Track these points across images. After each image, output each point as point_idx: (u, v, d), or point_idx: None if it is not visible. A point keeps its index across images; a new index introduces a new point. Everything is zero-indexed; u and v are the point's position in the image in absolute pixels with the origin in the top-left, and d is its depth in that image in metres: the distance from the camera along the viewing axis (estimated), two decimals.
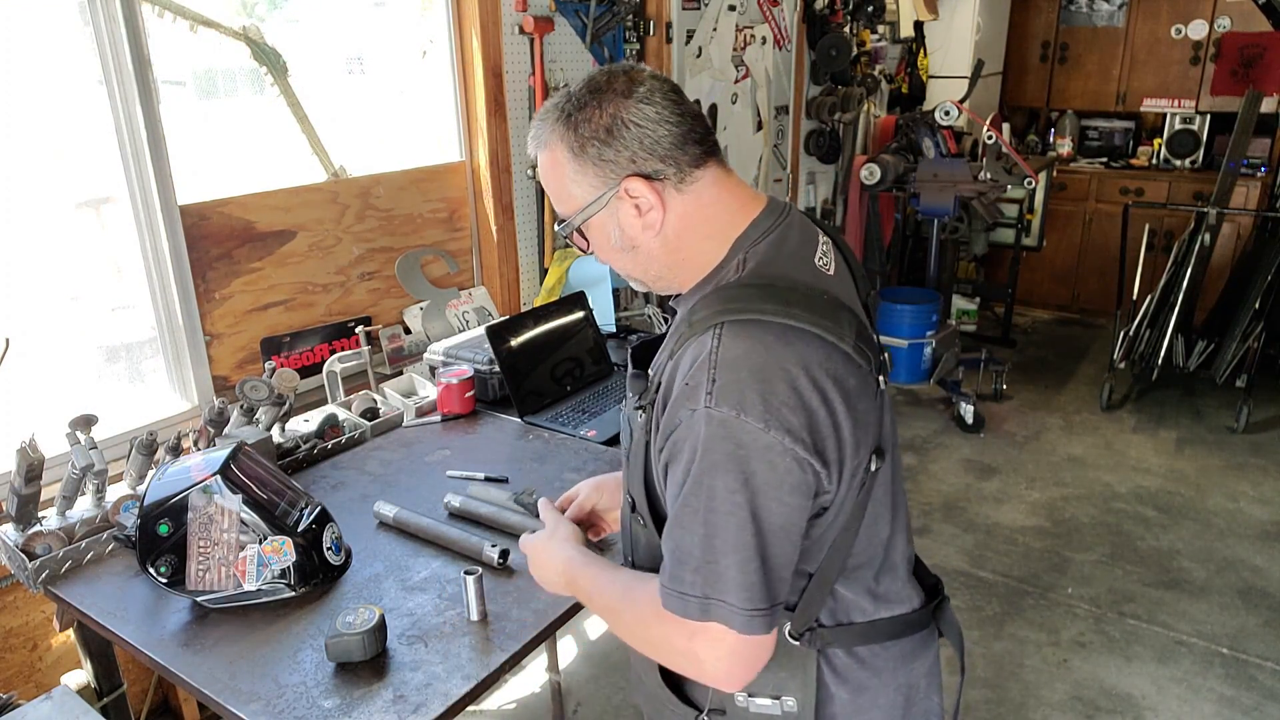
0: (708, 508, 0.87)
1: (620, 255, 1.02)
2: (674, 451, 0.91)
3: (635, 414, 1.02)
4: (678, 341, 0.94)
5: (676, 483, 0.91)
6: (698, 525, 0.88)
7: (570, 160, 0.97)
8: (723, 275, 0.99)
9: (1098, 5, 5.51)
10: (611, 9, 3.02)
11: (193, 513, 1.37)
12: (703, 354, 0.89)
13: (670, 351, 0.96)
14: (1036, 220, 5.09)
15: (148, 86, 1.94)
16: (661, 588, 0.92)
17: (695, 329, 0.92)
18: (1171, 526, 3.35)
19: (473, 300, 2.79)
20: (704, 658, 0.90)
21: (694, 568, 0.89)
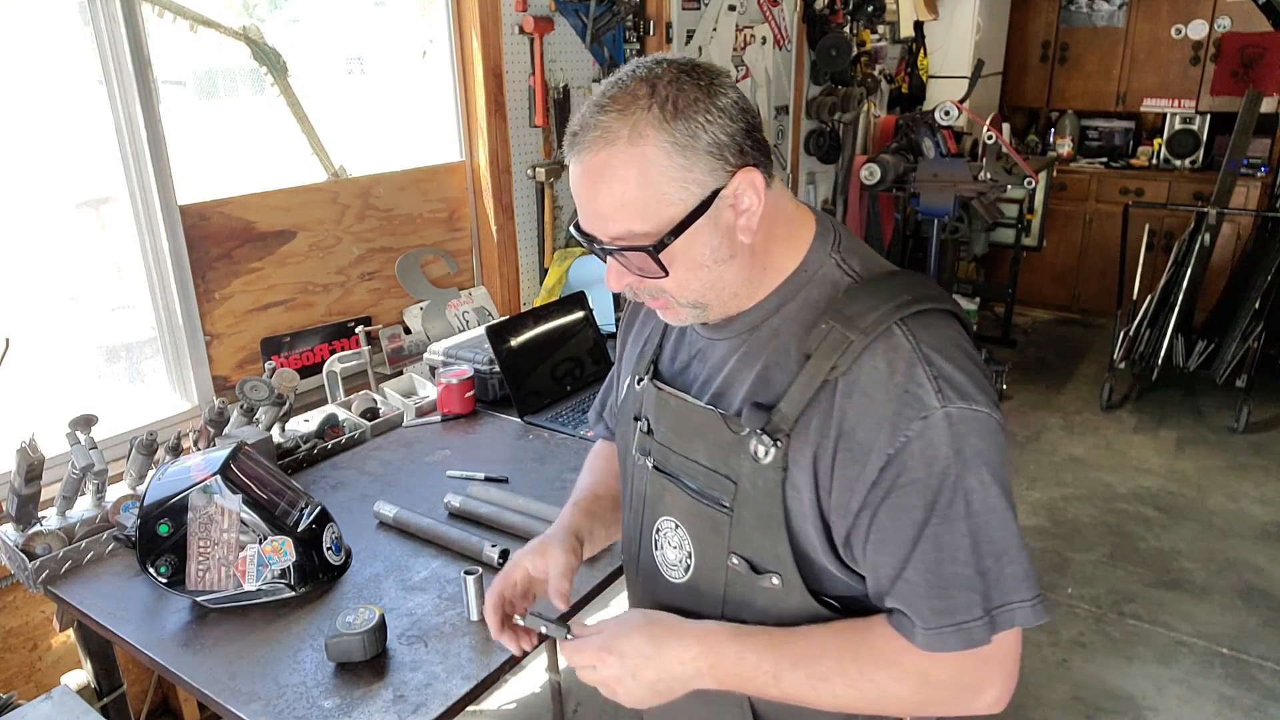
0: (967, 514, 0.80)
1: (707, 271, 0.86)
2: (898, 472, 0.80)
3: (744, 458, 0.87)
4: (842, 354, 0.82)
5: (912, 506, 0.80)
6: (960, 539, 0.80)
7: (673, 154, 0.80)
8: (813, 276, 0.89)
9: (1098, 5, 5.51)
10: (611, 9, 3.02)
11: (193, 513, 1.37)
12: (900, 356, 0.81)
13: (831, 366, 0.82)
14: (1036, 220, 5.09)
15: (148, 86, 1.94)
16: (927, 633, 0.81)
17: (870, 333, 0.81)
18: (1172, 526, 3.35)
19: (473, 300, 2.79)
20: (994, 679, 0.83)
21: (966, 588, 0.80)
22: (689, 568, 0.96)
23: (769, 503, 0.86)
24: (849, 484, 0.83)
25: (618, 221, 0.83)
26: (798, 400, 0.84)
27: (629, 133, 0.80)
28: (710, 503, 0.92)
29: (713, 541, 0.92)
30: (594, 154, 0.81)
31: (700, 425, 0.92)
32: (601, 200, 0.83)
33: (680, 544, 0.97)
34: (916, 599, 0.81)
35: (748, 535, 0.89)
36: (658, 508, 0.99)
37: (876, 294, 0.85)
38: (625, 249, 0.84)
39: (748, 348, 0.91)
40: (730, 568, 0.91)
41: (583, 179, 0.83)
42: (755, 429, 0.85)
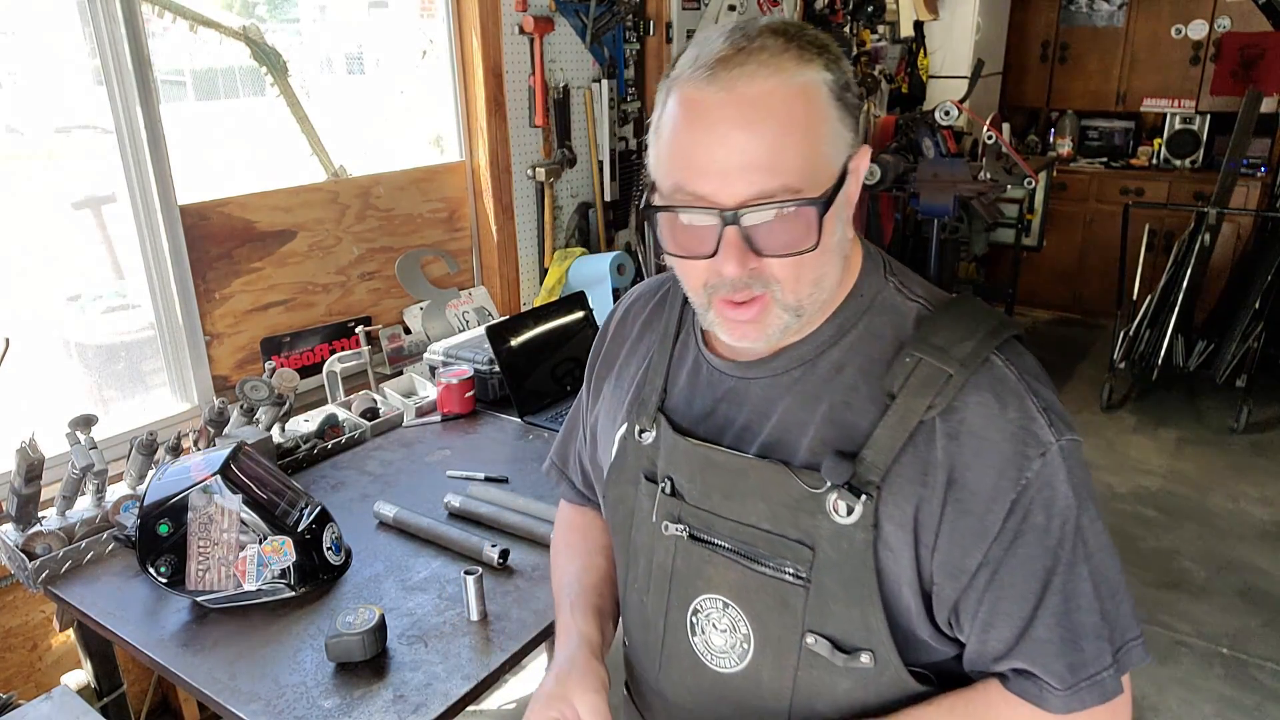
0: (1087, 556, 0.73)
1: (829, 259, 0.75)
2: (1021, 519, 0.72)
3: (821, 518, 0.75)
4: (939, 390, 0.72)
5: (1035, 556, 0.72)
6: (1084, 585, 0.73)
7: (834, 106, 0.70)
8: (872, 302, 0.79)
9: (1098, 5, 5.51)
10: (611, 9, 3.02)
11: (193, 513, 1.37)
12: (1006, 387, 0.73)
13: (927, 405, 0.72)
14: (1036, 220, 5.09)
15: (148, 86, 1.94)
16: (1066, 694, 0.73)
17: (970, 365, 0.72)
18: (1172, 527, 3.35)
19: (473, 300, 2.79)
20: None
21: (1095, 636, 0.73)
22: (746, 653, 0.81)
23: (859, 568, 0.74)
24: (963, 539, 0.73)
25: (778, 173, 0.68)
26: (888, 446, 0.73)
27: (797, 63, 0.68)
28: (777, 574, 0.78)
29: (781, 620, 0.78)
30: (757, 80, 0.67)
31: (759, 483, 0.78)
32: (760, 141, 0.67)
33: (733, 626, 0.82)
34: (1049, 657, 0.73)
35: (830, 609, 0.76)
36: (696, 584, 0.84)
37: (961, 322, 0.75)
38: (785, 204, 0.68)
39: (805, 387, 0.79)
40: (805, 649, 0.77)
41: (730, 111, 0.67)
42: (839, 482, 0.73)
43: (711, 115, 0.68)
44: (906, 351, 0.74)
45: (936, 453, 0.73)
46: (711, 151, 0.69)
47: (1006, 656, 0.75)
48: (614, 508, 0.93)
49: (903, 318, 0.79)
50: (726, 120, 0.68)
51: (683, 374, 0.88)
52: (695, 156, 0.70)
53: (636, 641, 0.94)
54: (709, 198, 0.70)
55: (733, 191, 0.69)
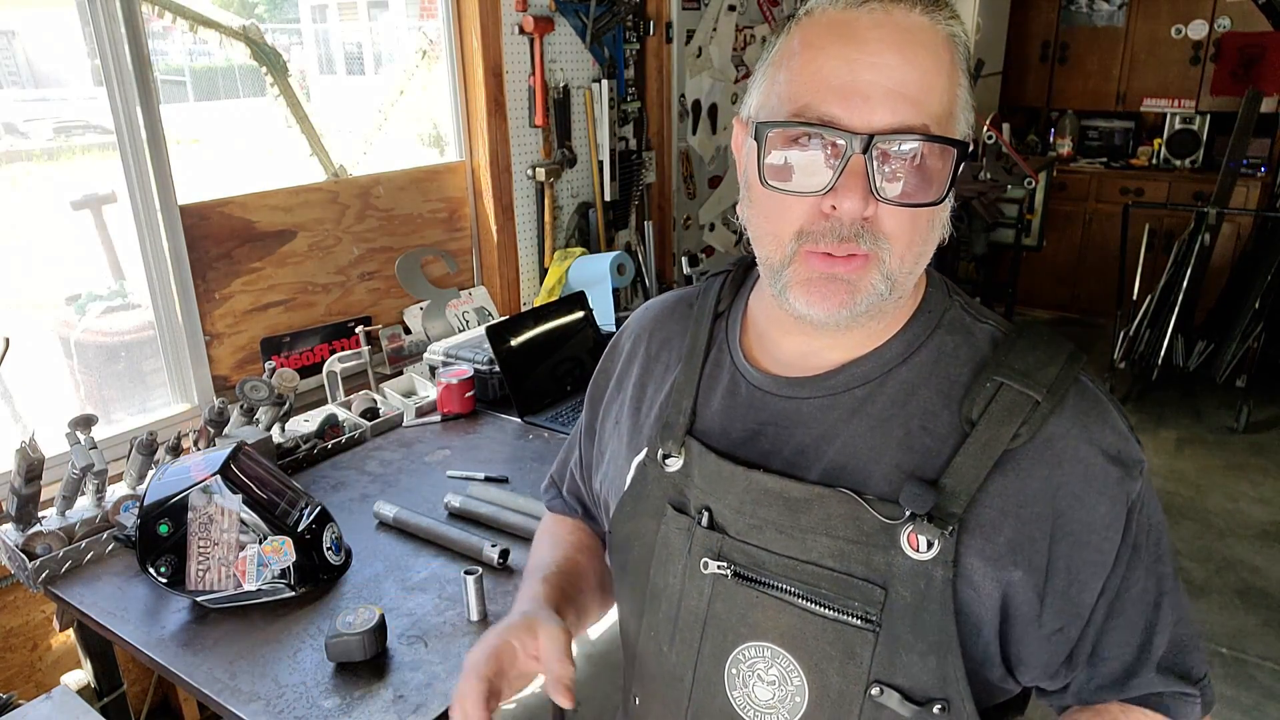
0: (1173, 574, 0.73)
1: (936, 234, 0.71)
2: (1133, 545, 0.70)
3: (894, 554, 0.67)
4: (1027, 417, 0.67)
5: (1144, 579, 0.71)
6: (1182, 599, 0.72)
7: (968, 82, 0.68)
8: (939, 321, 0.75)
9: (1098, 5, 5.51)
10: (611, 9, 3.02)
11: (193, 513, 1.37)
12: (1099, 410, 0.70)
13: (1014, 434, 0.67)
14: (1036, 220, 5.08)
15: (148, 86, 1.94)
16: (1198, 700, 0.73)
17: (1056, 392, 0.68)
18: (1171, 526, 3.34)
19: (473, 300, 2.79)
20: None
21: (1195, 647, 0.73)
22: (799, 708, 0.72)
23: (936, 611, 0.66)
24: (1082, 573, 0.68)
25: (920, 108, 0.63)
26: (970, 476, 0.66)
27: (947, 15, 0.65)
28: (841, 619, 0.69)
29: (844, 670, 0.69)
30: (913, 13, 0.64)
31: (823, 514, 0.69)
32: (914, 68, 0.63)
33: (783, 677, 0.72)
34: (1175, 678, 0.72)
35: (901, 657, 0.68)
36: (739, 631, 0.74)
37: (1039, 348, 0.71)
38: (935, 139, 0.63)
39: (875, 408, 0.72)
40: (872, 701, 0.69)
41: (890, 34, 0.63)
42: (921, 512, 0.65)
43: (863, 34, 0.63)
44: (987, 376, 0.69)
45: (1034, 483, 0.67)
46: (856, 71, 0.63)
47: (1134, 679, 0.72)
48: (625, 546, 0.83)
49: (976, 339, 0.74)
50: (880, 41, 0.63)
51: (716, 394, 0.80)
52: (835, 75, 0.63)
53: (651, 700, 0.83)
54: (841, 121, 0.63)
55: (872, 118, 0.62)
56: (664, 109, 3.39)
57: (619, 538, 0.84)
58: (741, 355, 0.80)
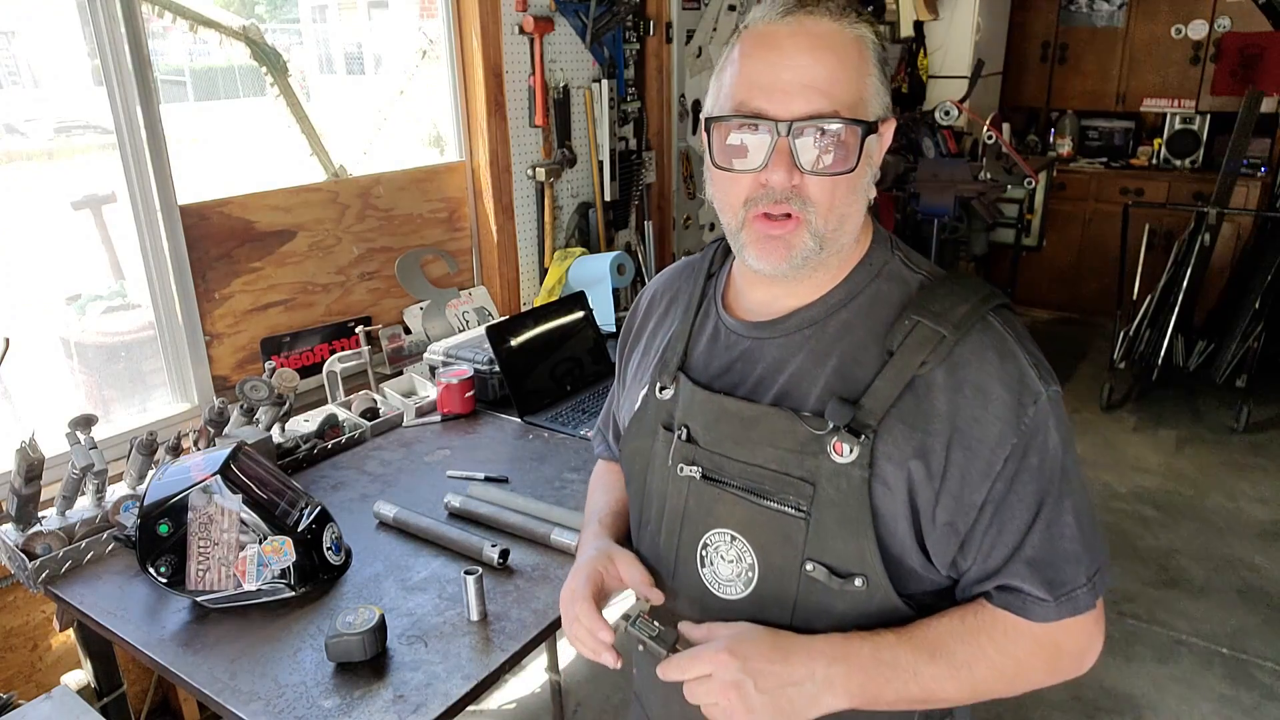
0: (1070, 490, 0.83)
1: (858, 198, 0.85)
2: (1020, 459, 0.81)
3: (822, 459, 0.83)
4: (933, 349, 0.81)
5: (1029, 492, 0.82)
6: (1068, 515, 0.83)
7: (878, 66, 0.83)
8: (879, 271, 0.89)
9: (1098, 5, 5.51)
10: (611, 9, 3.02)
11: (193, 513, 1.37)
12: (1004, 346, 0.82)
13: (921, 361, 0.82)
14: (1036, 220, 5.08)
15: (148, 86, 1.94)
16: (1048, 604, 0.83)
17: (963, 327, 0.82)
18: (1171, 526, 3.35)
19: (473, 300, 2.79)
20: (1098, 638, 0.88)
21: (1073, 558, 0.83)
22: (750, 581, 0.89)
23: (854, 503, 0.83)
24: (969, 481, 0.81)
25: (829, 97, 0.79)
26: (884, 396, 0.82)
27: (853, 19, 0.82)
28: (780, 509, 0.86)
29: (783, 551, 0.87)
30: (822, 21, 0.80)
31: (768, 428, 0.87)
32: (820, 67, 0.79)
33: (739, 557, 0.90)
34: (1035, 577, 0.83)
35: (827, 540, 0.84)
36: (706, 520, 0.92)
37: (956, 291, 0.85)
38: (836, 121, 0.79)
39: (815, 345, 0.88)
40: (805, 576, 0.86)
41: (799, 41, 0.80)
42: (841, 425, 0.82)
43: (782, 44, 0.80)
44: (907, 315, 0.84)
45: (940, 403, 0.81)
46: (777, 72, 0.80)
47: (997, 575, 0.84)
48: (631, 458, 1.02)
49: (908, 286, 0.88)
50: (794, 47, 0.80)
51: (703, 339, 0.98)
52: (761, 76, 0.81)
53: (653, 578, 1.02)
54: (767, 112, 0.81)
55: (791, 108, 0.80)
56: (664, 109, 3.39)
57: (626, 454, 1.03)
58: (722, 306, 0.98)
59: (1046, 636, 0.85)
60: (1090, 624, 0.86)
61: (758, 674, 0.80)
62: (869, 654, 0.83)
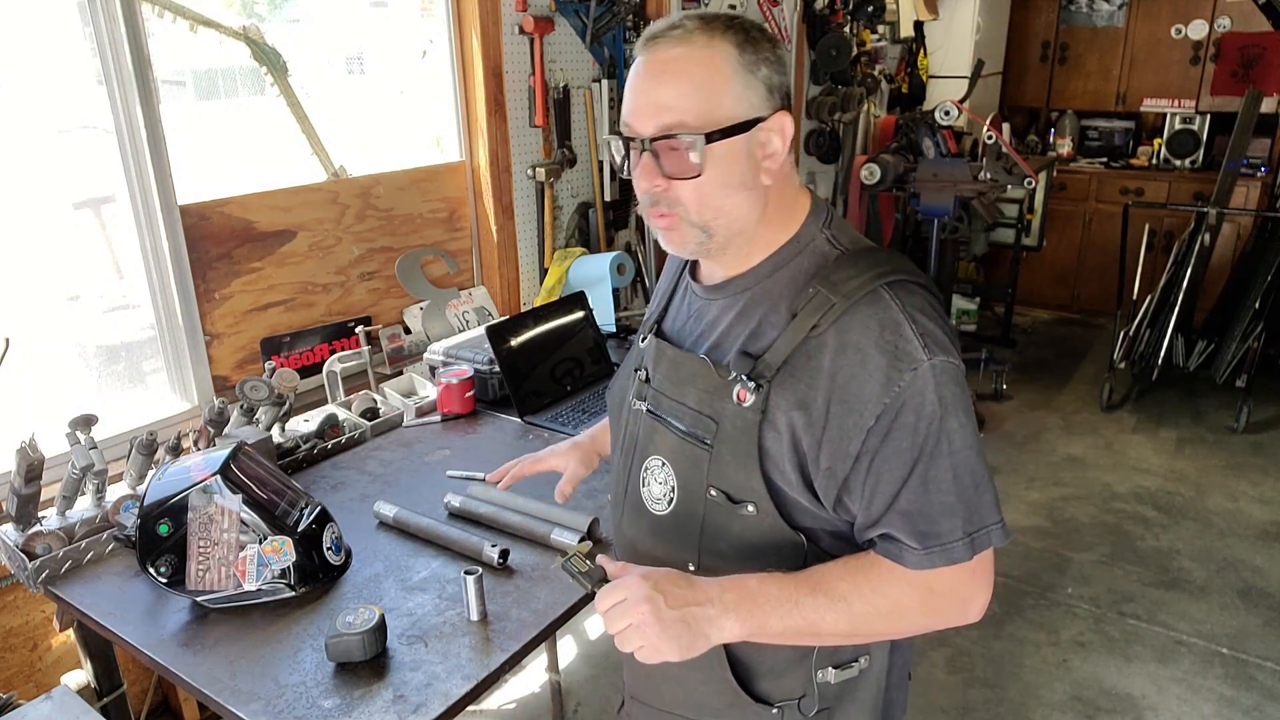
0: (950, 451, 0.91)
1: (730, 192, 0.95)
2: (893, 418, 0.90)
3: (727, 401, 0.96)
4: (824, 314, 0.92)
5: (904, 448, 0.90)
6: (944, 474, 0.91)
7: (739, 73, 0.91)
8: (804, 247, 0.99)
9: (1098, 5, 5.51)
10: (611, 9, 3.02)
11: (193, 513, 1.37)
12: (888, 316, 0.91)
13: (813, 325, 0.92)
14: (1036, 220, 5.09)
15: (148, 86, 1.94)
16: (919, 553, 0.92)
17: (852, 297, 0.92)
18: (1171, 526, 3.35)
19: (473, 300, 2.79)
20: (980, 589, 0.96)
21: (947, 511, 0.91)
22: (671, 501, 1.04)
23: (746, 440, 0.95)
24: (846, 432, 0.91)
25: (673, 113, 0.91)
26: (781, 352, 0.94)
27: (706, 39, 0.91)
28: (694, 441, 1.00)
29: (694, 476, 1.01)
30: (669, 48, 0.92)
31: (692, 373, 1.02)
32: (664, 89, 0.92)
33: (665, 480, 1.05)
34: (908, 528, 0.92)
35: (724, 470, 0.98)
36: (648, 448, 1.07)
37: (859, 264, 0.95)
38: (676, 135, 0.91)
39: (742, 307, 1.01)
40: (709, 499, 1.00)
41: (650, 69, 0.93)
42: (741, 374, 0.95)
43: (640, 71, 0.94)
44: (812, 284, 0.95)
45: (826, 364, 0.92)
46: (635, 97, 0.94)
47: (877, 525, 0.94)
48: (615, 394, 1.21)
49: (824, 260, 0.99)
50: (647, 73, 0.93)
51: (677, 300, 1.15)
52: (629, 101, 0.95)
53: (614, 494, 1.18)
54: (632, 129, 0.95)
55: (643, 125, 0.93)
56: None
57: (613, 390, 1.22)
58: (690, 274, 1.12)
59: (920, 580, 0.94)
60: (967, 575, 0.94)
61: (667, 593, 0.91)
62: (755, 585, 0.94)
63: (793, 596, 0.94)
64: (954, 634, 2.69)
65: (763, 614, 0.93)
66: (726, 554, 1.00)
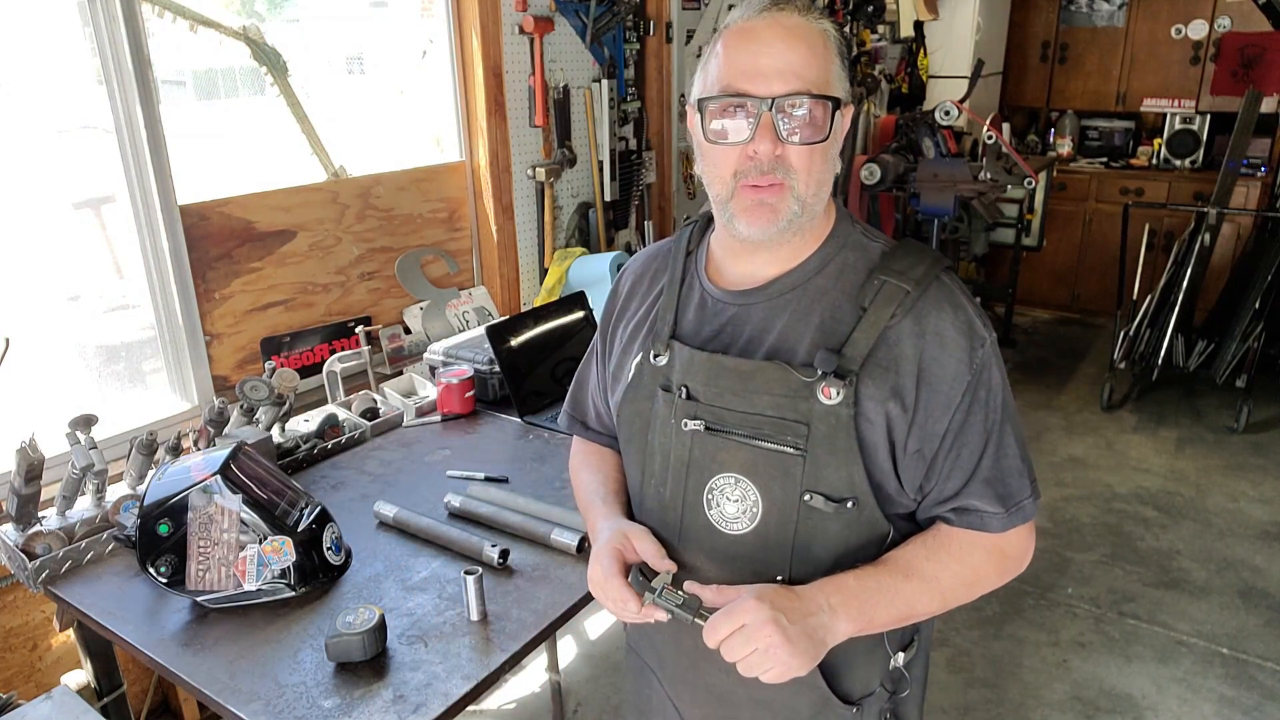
0: (1010, 418, 0.99)
1: (831, 168, 0.99)
2: (973, 394, 0.96)
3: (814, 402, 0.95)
4: (900, 303, 0.95)
5: (980, 420, 0.97)
6: (1010, 439, 0.98)
7: (839, 54, 0.96)
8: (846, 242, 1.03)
9: (1098, 5, 5.51)
10: (611, 9, 3.02)
11: (193, 513, 1.37)
12: (955, 299, 0.97)
13: (890, 314, 0.95)
14: (1036, 220, 5.09)
15: (148, 86, 1.94)
16: (1002, 516, 0.98)
17: (921, 285, 0.96)
18: (1172, 526, 3.35)
19: (473, 300, 2.79)
20: (1030, 544, 1.03)
21: (1018, 473, 0.98)
22: (755, 516, 1.00)
23: (844, 437, 0.94)
24: (932, 413, 0.95)
25: (802, 78, 0.92)
26: (863, 345, 0.95)
27: (817, 15, 0.95)
28: (780, 449, 0.97)
29: (784, 485, 0.98)
30: (792, 15, 0.94)
31: (764, 380, 0.98)
32: (794, 53, 0.92)
33: (743, 496, 1.00)
34: (990, 494, 0.98)
35: (822, 472, 0.96)
36: (711, 468, 1.02)
37: (911, 255, 0.99)
38: (814, 96, 0.92)
39: (798, 306, 1.00)
40: (804, 505, 0.97)
41: (775, 33, 0.93)
42: (828, 371, 0.94)
43: (760, 35, 0.93)
44: (875, 276, 0.98)
45: (907, 350, 0.95)
46: (757, 59, 0.93)
47: (957, 496, 0.98)
48: (630, 422, 1.11)
49: (870, 253, 1.01)
50: (772, 36, 0.93)
51: (690, 309, 1.09)
52: (744, 63, 0.93)
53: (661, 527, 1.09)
54: (751, 92, 0.93)
55: (771, 88, 0.92)
56: (664, 109, 3.39)
57: (624, 418, 1.12)
58: (706, 278, 1.09)
59: (995, 545, 1.00)
60: (1027, 531, 1.02)
61: (785, 610, 0.89)
62: (854, 583, 0.95)
63: (889, 585, 0.96)
64: (954, 634, 2.69)
65: (869, 609, 0.95)
66: (820, 559, 0.99)
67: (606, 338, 1.22)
